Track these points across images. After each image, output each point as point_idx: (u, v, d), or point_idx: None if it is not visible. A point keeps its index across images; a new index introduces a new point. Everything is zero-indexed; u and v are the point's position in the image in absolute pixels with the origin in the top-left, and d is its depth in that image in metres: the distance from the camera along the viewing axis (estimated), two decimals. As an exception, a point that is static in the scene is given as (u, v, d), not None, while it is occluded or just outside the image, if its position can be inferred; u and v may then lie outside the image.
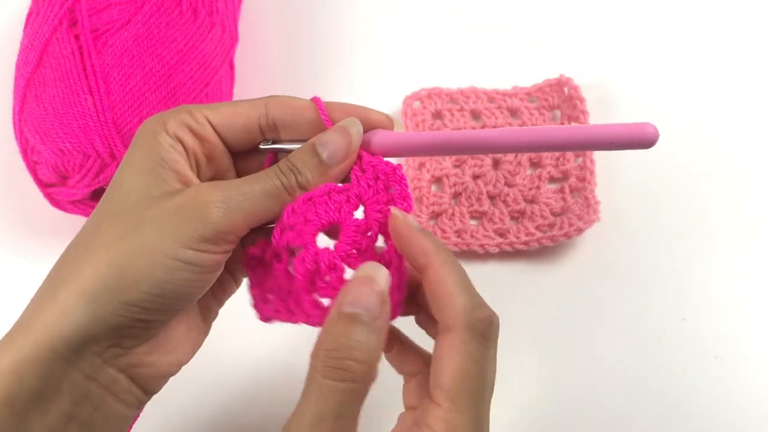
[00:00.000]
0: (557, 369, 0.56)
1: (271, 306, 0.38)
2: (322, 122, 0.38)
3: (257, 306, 0.39)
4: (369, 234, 0.37)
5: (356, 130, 0.38)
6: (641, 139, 0.35)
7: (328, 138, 0.37)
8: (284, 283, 0.37)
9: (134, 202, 0.35)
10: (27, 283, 0.36)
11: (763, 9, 0.70)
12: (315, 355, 0.32)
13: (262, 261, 0.38)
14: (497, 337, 0.34)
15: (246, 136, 0.39)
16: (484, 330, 0.33)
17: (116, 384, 0.36)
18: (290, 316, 0.37)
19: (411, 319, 0.40)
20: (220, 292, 0.42)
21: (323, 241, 0.38)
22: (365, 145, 0.39)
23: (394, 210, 0.36)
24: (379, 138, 0.39)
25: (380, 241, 0.38)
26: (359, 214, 0.38)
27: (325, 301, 0.36)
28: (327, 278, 0.36)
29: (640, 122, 0.35)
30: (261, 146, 0.40)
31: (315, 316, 0.36)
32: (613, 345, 0.57)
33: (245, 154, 0.41)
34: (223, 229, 0.35)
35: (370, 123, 0.39)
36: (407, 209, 0.37)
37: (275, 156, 0.40)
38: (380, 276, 0.33)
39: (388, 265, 0.36)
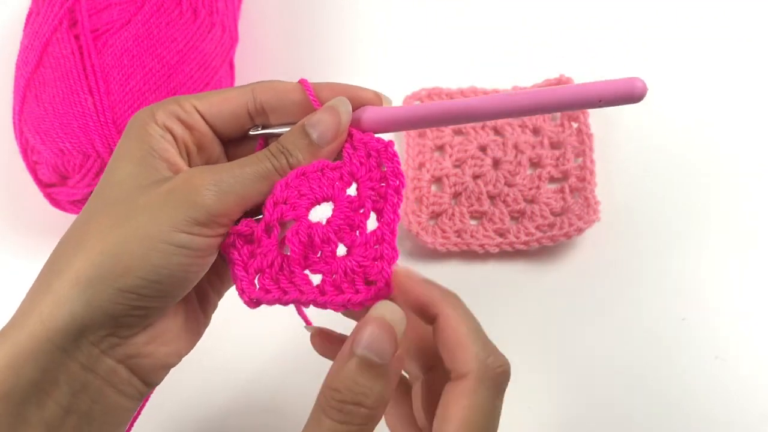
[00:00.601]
0: (557, 369, 0.56)
1: (260, 287, 0.37)
2: (311, 103, 0.38)
3: (243, 288, 0.37)
4: (362, 211, 0.37)
5: (345, 108, 0.38)
6: (629, 94, 0.34)
7: (318, 118, 0.37)
8: (275, 258, 0.37)
9: (126, 192, 0.35)
10: (27, 283, 0.36)
11: (763, 9, 0.70)
12: (322, 391, 0.32)
13: (250, 239, 0.38)
14: (506, 387, 0.33)
15: (235, 123, 0.39)
16: (497, 379, 0.32)
17: (115, 375, 0.35)
18: (282, 295, 0.37)
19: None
20: (218, 283, 0.42)
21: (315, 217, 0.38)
22: (355, 123, 0.39)
23: (395, 268, 0.36)
24: (368, 114, 0.39)
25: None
26: (352, 191, 0.38)
27: (317, 278, 0.37)
28: (319, 253, 0.36)
29: (628, 77, 0.35)
30: (251, 132, 0.40)
31: (308, 292, 0.36)
32: (613, 345, 0.57)
33: (236, 142, 0.41)
34: (216, 212, 0.35)
35: (359, 101, 0.39)
36: (400, 186, 0.37)
37: (266, 141, 0.40)
38: (396, 320, 0.33)
39: (380, 241, 0.36)
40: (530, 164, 0.64)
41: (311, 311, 0.39)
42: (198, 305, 0.41)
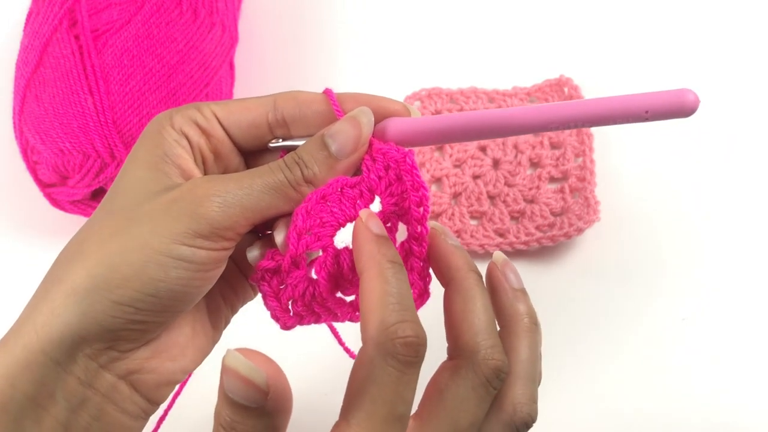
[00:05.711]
0: (556, 369, 0.56)
1: (294, 313, 0.37)
2: (334, 115, 0.36)
3: (277, 317, 0.37)
4: (388, 225, 0.36)
5: (367, 119, 0.36)
6: (679, 108, 0.31)
7: (337, 129, 0.35)
8: (306, 288, 0.36)
9: (132, 198, 0.34)
10: (27, 283, 0.36)
11: (764, 8, 0.70)
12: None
13: (278, 272, 0.36)
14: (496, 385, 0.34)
15: (254, 132, 0.37)
16: (487, 372, 0.33)
17: (116, 391, 0.34)
18: (317, 319, 0.36)
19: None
20: (232, 297, 0.40)
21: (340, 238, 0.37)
22: (380, 135, 0.36)
23: (434, 224, 0.36)
24: (394, 125, 0.36)
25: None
26: (376, 206, 0.36)
27: (349, 298, 0.36)
28: (350, 277, 0.35)
29: (678, 88, 0.31)
30: (270, 145, 0.38)
31: (343, 314, 0.35)
32: (612, 345, 0.57)
33: (257, 155, 0.39)
34: (219, 224, 0.32)
35: (385, 112, 0.37)
36: (423, 198, 0.35)
37: (286, 154, 0.39)
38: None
39: (408, 254, 0.35)
40: (530, 164, 0.64)
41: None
42: (208, 319, 0.38)
